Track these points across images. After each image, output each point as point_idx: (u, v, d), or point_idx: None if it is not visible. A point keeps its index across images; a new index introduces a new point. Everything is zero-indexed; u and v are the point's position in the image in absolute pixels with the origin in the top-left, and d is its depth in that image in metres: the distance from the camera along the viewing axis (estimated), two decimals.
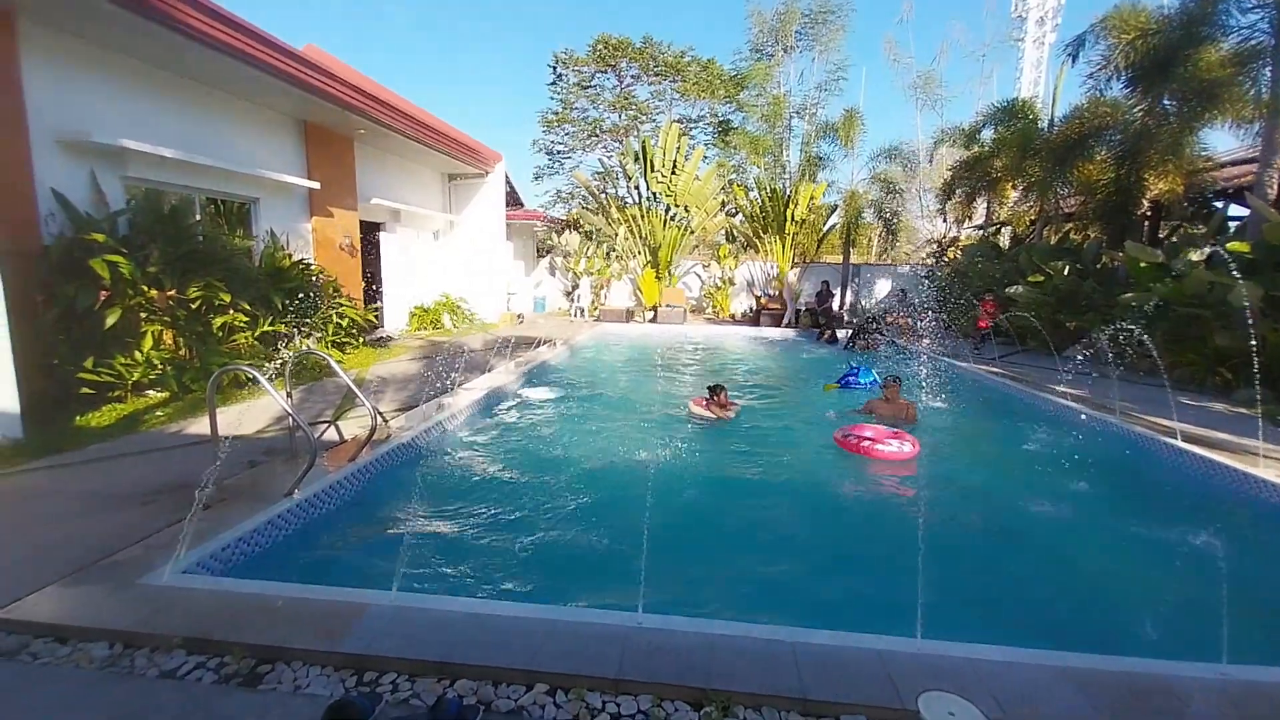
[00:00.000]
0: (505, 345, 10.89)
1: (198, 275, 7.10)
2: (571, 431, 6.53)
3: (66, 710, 2.21)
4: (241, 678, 2.40)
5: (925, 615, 2.65)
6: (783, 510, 4.73)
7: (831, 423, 6.96)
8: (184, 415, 6.12)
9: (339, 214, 11.28)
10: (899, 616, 2.71)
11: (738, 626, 2.67)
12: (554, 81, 29.77)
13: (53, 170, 6.49)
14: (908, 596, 2.73)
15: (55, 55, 6.50)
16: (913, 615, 2.66)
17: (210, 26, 6.95)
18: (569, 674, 2.38)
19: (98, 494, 4.11)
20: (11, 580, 2.96)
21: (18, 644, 2.56)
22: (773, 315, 16.44)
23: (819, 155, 18.41)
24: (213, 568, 3.24)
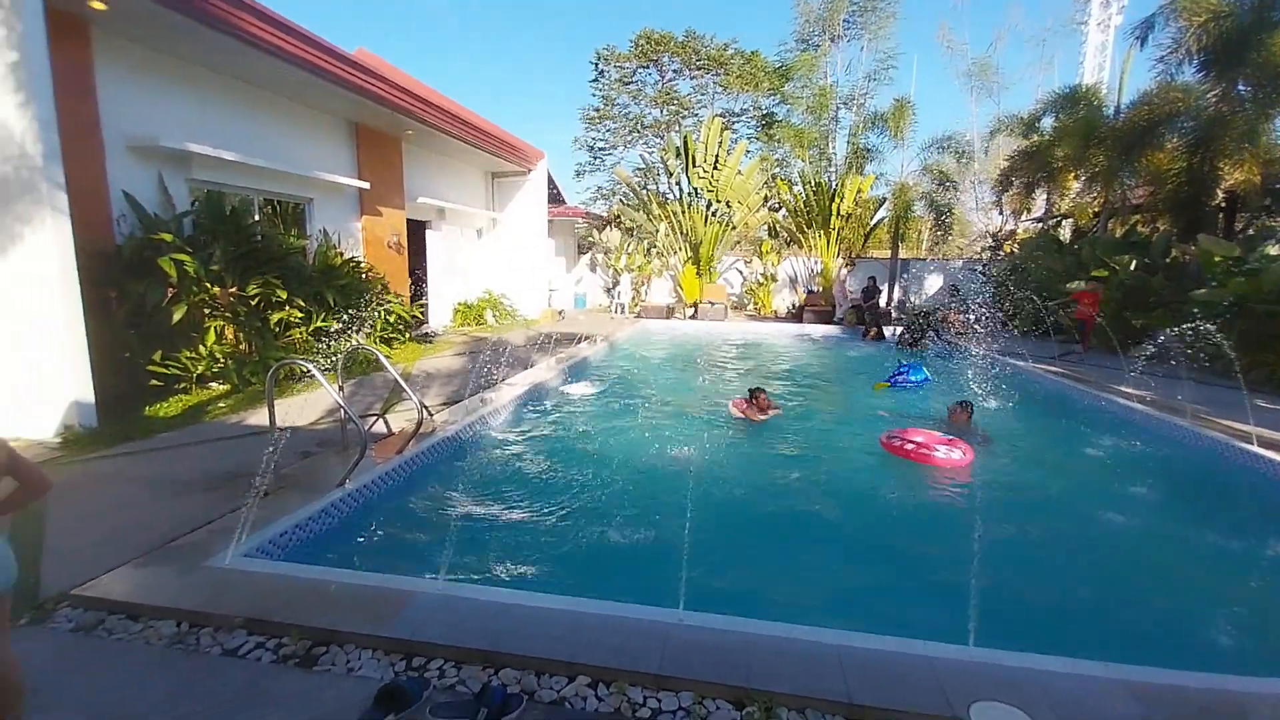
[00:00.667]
0: (546, 341, 11.02)
1: (256, 273, 7.41)
2: (611, 428, 6.55)
3: (139, 683, 2.34)
4: (298, 658, 2.49)
5: (978, 622, 2.56)
6: (827, 512, 4.63)
7: (883, 421, 6.78)
8: (244, 406, 6.40)
9: (387, 213, 11.59)
10: (950, 624, 2.62)
11: (780, 627, 2.63)
12: (596, 78, 29.89)
13: (124, 173, 6.87)
14: (959, 603, 2.64)
15: (125, 63, 6.86)
16: (964, 622, 2.58)
17: (269, 33, 7.23)
18: (610, 668, 2.39)
19: (166, 480, 4.34)
20: (90, 560, 3.15)
21: (94, 620, 2.73)
22: (817, 312, 16.12)
23: (867, 147, 17.96)
24: (271, 552, 3.37)
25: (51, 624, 2.70)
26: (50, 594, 2.88)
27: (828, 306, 16.42)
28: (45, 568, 3.11)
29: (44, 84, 4.95)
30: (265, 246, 7.74)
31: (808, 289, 17.96)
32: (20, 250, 5.09)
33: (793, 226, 18.64)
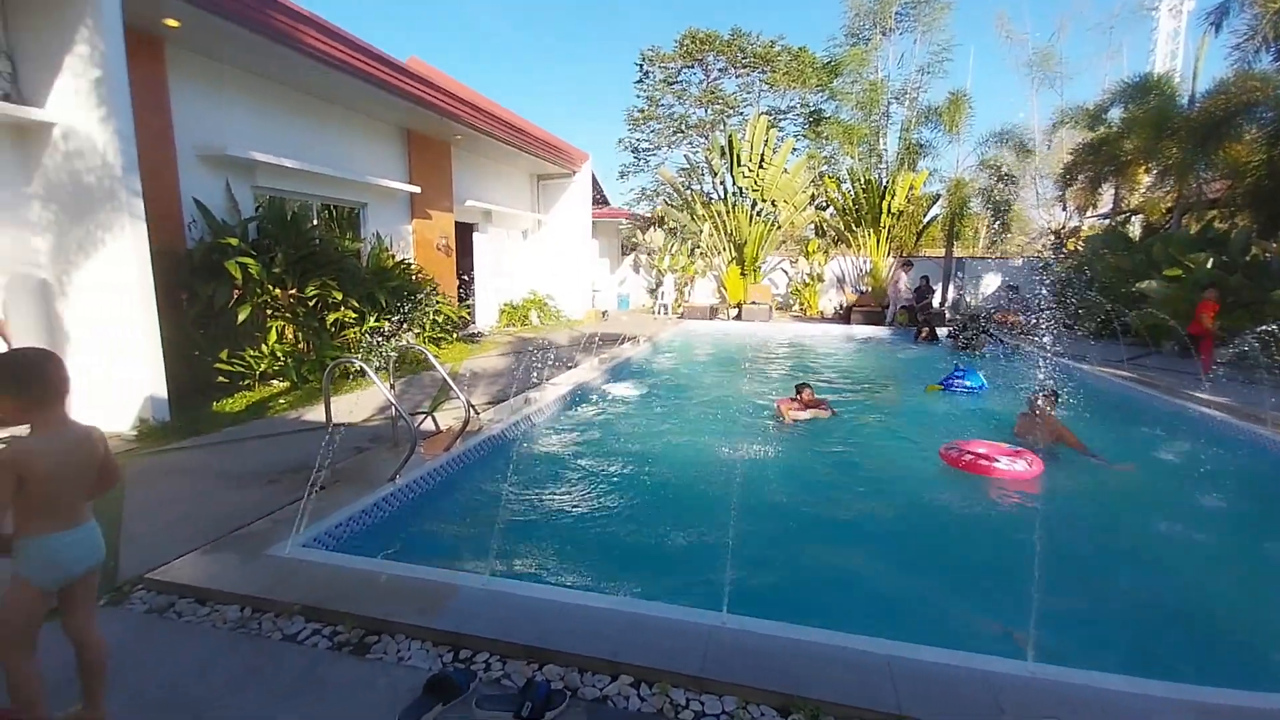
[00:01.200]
0: (590, 342, 11.10)
1: (315, 275, 7.72)
2: (654, 428, 6.55)
3: (208, 665, 2.47)
4: (352, 646, 2.58)
5: (1038, 638, 2.45)
6: (876, 518, 4.51)
7: (936, 425, 6.55)
8: (302, 403, 6.67)
9: (436, 216, 11.91)
10: (1008, 639, 2.51)
11: (827, 634, 2.57)
12: (640, 79, 29.98)
13: (194, 181, 7.26)
14: (1018, 618, 2.52)
15: (195, 77, 7.25)
16: (1024, 638, 2.46)
17: (328, 45, 7.53)
18: (653, 668, 2.38)
19: (231, 472, 4.56)
20: (163, 545, 3.34)
21: (166, 602, 2.89)
22: (865, 313, 15.71)
23: (920, 142, 17.43)
24: (327, 543, 3.50)
25: (128, 605, 2.87)
26: (127, 577, 3.06)
27: (877, 307, 15.99)
28: (122, 552, 3.31)
29: (123, 99, 5.28)
30: (323, 250, 8.06)
31: (856, 289, 17.55)
32: (102, 255, 5.45)
33: (841, 225, 18.26)
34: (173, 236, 6.89)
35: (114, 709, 2.16)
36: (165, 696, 2.28)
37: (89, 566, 2.04)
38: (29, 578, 1.89)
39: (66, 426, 1.97)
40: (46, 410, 1.92)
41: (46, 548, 1.90)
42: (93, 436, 2.02)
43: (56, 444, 1.91)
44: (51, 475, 1.87)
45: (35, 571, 1.90)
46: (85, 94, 5.24)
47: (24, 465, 1.82)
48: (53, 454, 1.89)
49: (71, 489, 1.95)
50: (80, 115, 5.28)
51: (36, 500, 1.85)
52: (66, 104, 5.32)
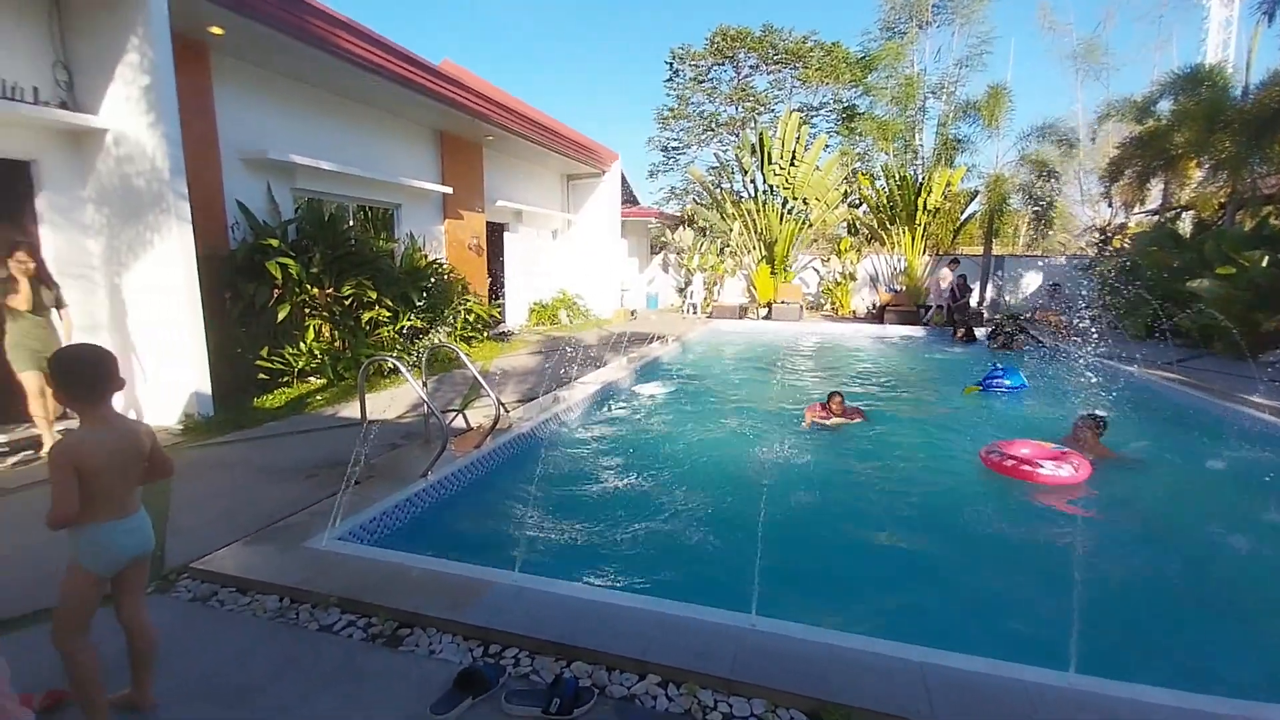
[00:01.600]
0: (619, 341, 11.12)
1: (350, 275, 7.90)
2: (683, 429, 6.53)
3: (248, 652, 2.54)
4: (385, 638, 2.63)
5: (1080, 648, 2.36)
6: (910, 523, 4.41)
7: (974, 428, 6.38)
8: (338, 400, 6.83)
9: (468, 216, 12.07)
10: (1048, 649, 2.43)
11: (859, 639, 2.53)
12: (670, 78, 29.91)
13: (237, 184, 7.50)
14: (1060, 627, 2.44)
15: (238, 83, 7.48)
16: (1065, 647, 2.38)
17: (364, 49, 7.69)
18: (681, 668, 2.37)
19: (270, 466, 4.69)
20: (207, 536, 3.46)
21: (209, 591, 2.99)
22: (899, 312, 15.40)
23: (957, 137, 16.99)
24: (361, 536, 3.58)
25: (173, 593, 2.97)
26: (173, 566, 3.17)
27: (912, 306, 15.66)
28: (168, 542, 3.43)
29: (171, 105, 5.47)
30: (358, 250, 8.23)
31: (890, 288, 17.21)
32: (151, 256, 5.66)
33: (874, 223, 17.92)
34: (217, 238, 7.12)
35: (160, 693, 2.25)
36: (208, 682, 2.36)
37: (140, 555, 2.13)
38: (85, 564, 1.98)
39: (114, 421, 2.06)
40: (98, 405, 2.01)
41: (101, 535, 1.99)
42: (140, 431, 2.11)
43: (106, 437, 1.99)
44: (103, 467, 1.96)
45: (90, 558, 1.99)
46: (135, 100, 5.45)
47: (79, 456, 1.90)
48: (104, 446, 1.97)
49: (122, 480, 2.03)
50: (131, 121, 5.50)
51: (90, 490, 1.93)
52: (118, 110, 5.54)
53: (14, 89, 5.22)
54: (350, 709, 2.23)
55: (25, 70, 5.35)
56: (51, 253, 5.63)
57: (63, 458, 1.89)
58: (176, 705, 2.23)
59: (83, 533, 1.97)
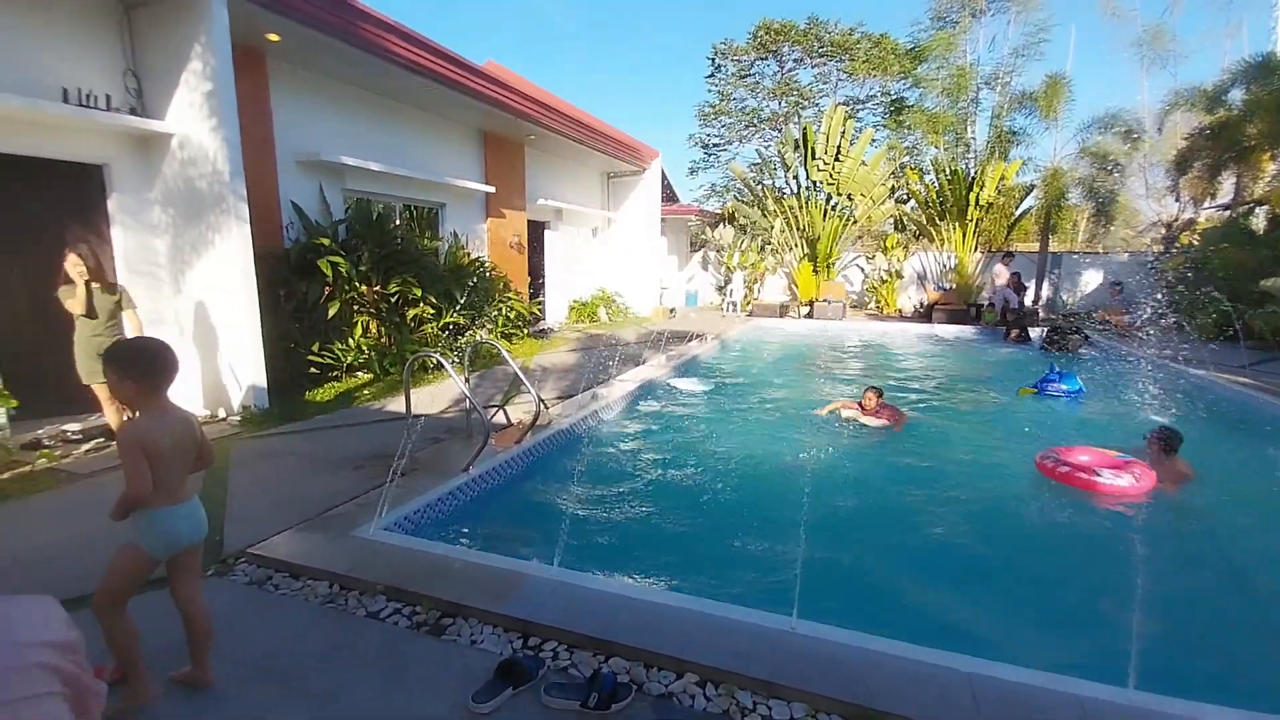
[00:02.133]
0: (658, 339, 11.11)
1: (396, 273, 8.11)
2: (722, 427, 6.48)
3: (299, 633, 2.64)
4: (429, 626, 2.69)
5: (1140, 664, 2.25)
6: (959, 529, 4.27)
7: (1027, 431, 6.14)
8: (384, 394, 7.03)
9: (510, 215, 12.24)
10: (1105, 664, 2.32)
11: (904, 646, 2.46)
12: (712, 74, 29.69)
13: (291, 185, 7.78)
14: (1117, 641, 2.32)
15: (292, 87, 7.75)
16: (1124, 662, 2.27)
17: (412, 52, 7.87)
18: (719, 669, 2.35)
19: (321, 457, 4.86)
20: (262, 523, 3.61)
21: (264, 575, 3.11)
22: (948, 311, 14.90)
23: (1012, 130, 16.32)
24: (406, 527, 3.67)
25: (231, 576, 3.11)
26: (231, 550, 3.32)
27: (962, 305, 15.14)
28: (226, 528, 3.59)
29: (231, 109, 5.71)
30: (404, 249, 8.45)
31: (939, 286, 16.67)
32: (212, 254, 5.93)
33: (923, 219, 17.39)
34: (273, 237, 7.40)
35: (219, 671, 2.35)
36: (264, 662, 2.46)
37: (195, 540, 2.23)
38: (144, 545, 2.09)
39: (173, 410, 2.16)
40: (159, 395, 2.12)
41: (162, 520, 2.09)
42: (191, 420, 2.22)
43: (166, 425, 2.10)
44: (164, 454, 2.06)
45: (150, 540, 2.10)
46: (198, 106, 5.72)
47: (146, 443, 2.01)
48: (165, 434, 2.08)
49: (179, 467, 2.14)
50: (194, 126, 5.77)
51: (154, 476, 2.03)
52: (183, 116, 5.82)
53: (89, 97, 5.54)
54: (396, 694, 2.29)
55: (99, 79, 5.67)
56: (121, 252, 5.96)
57: (132, 442, 1.99)
58: (235, 684, 2.33)
59: (144, 517, 2.07)
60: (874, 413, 6.22)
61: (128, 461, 1.99)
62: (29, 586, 2.93)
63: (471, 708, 2.18)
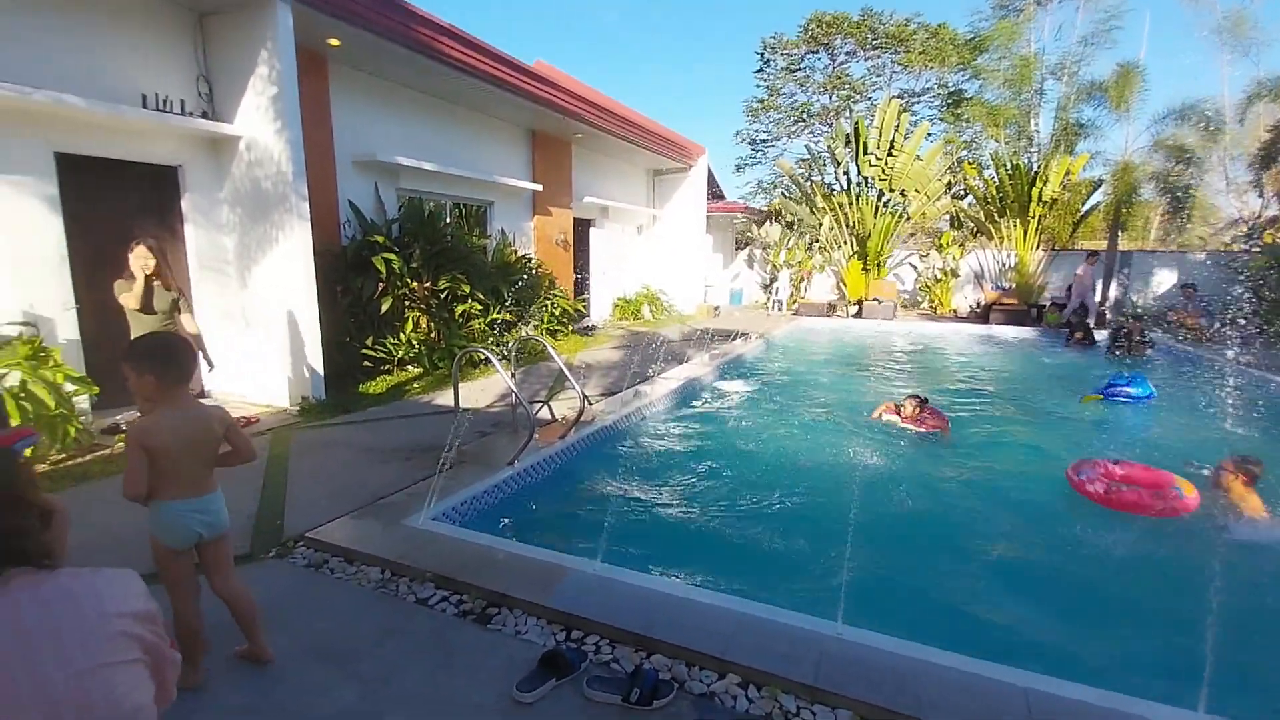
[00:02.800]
0: (701, 337, 11.06)
1: (446, 270, 8.31)
2: (765, 428, 6.39)
3: (353, 617, 2.74)
4: (475, 615, 2.75)
5: (1211, 690, 2.11)
6: (1011, 540, 4.11)
7: (1086, 442, 5.84)
8: (433, 388, 7.22)
9: (556, 212, 12.37)
10: (1172, 686, 2.19)
11: (956, 657, 2.38)
12: (760, 68, 29.30)
13: (349, 184, 8.06)
14: (1183, 662, 2.19)
15: (350, 89, 8.02)
16: (1195, 686, 2.13)
17: (464, 54, 8.04)
18: (762, 670, 2.33)
19: (374, 448, 5.03)
20: (320, 509, 3.76)
21: (321, 559, 3.24)
22: (1007, 312, 14.27)
23: (1079, 122, 15.52)
24: (453, 518, 3.76)
25: (291, 559, 3.25)
26: (291, 534, 3.47)
27: (1022, 306, 14.49)
28: (286, 513, 3.75)
29: (294, 112, 5.96)
30: (454, 246, 8.64)
31: (997, 285, 15.99)
32: (275, 252, 6.20)
33: (981, 215, 16.71)
34: (330, 235, 7.69)
35: (279, 646, 2.47)
36: (320, 641, 2.57)
37: (214, 534, 2.29)
38: (159, 537, 2.19)
39: (188, 406, 2.20)
40: (177, 390, 2.16)
41: (169, 512, 2.17)
42: (212, 416, 2.25)
43: (178, 421, 2.14)
44: (172, 448, 2.11)
45: (160, 531, 2.18)
46: (264, 109, 5.98)
47: (148, 438, 2.08)
48: (174, 430, 2.12)
49: (191, 462, 2.18)
50: (260, 128, 6.04)
51: (159, 469, 2.11)
52: (250, 119, 6.10)
53: (166, 102, 5.87)
54: (444, 678, 2.35)
55: (174, 85, 5.99)
56: (194, 249, 6.30)
57: (135, 439, 2.07)
58: (293, 662, 2.44)
59: (155, 508, 2.16)
60: (914, 420, 6.03)
61: (128, 457, 2.07)
62: (110, 560, 3.13)
63: (516, 696, 2.22)
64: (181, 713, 2.08)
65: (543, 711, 2.19)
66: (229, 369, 6.26)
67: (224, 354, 6.50)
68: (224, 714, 2.18)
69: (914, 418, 6.02)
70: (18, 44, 4.94)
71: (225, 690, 2.28)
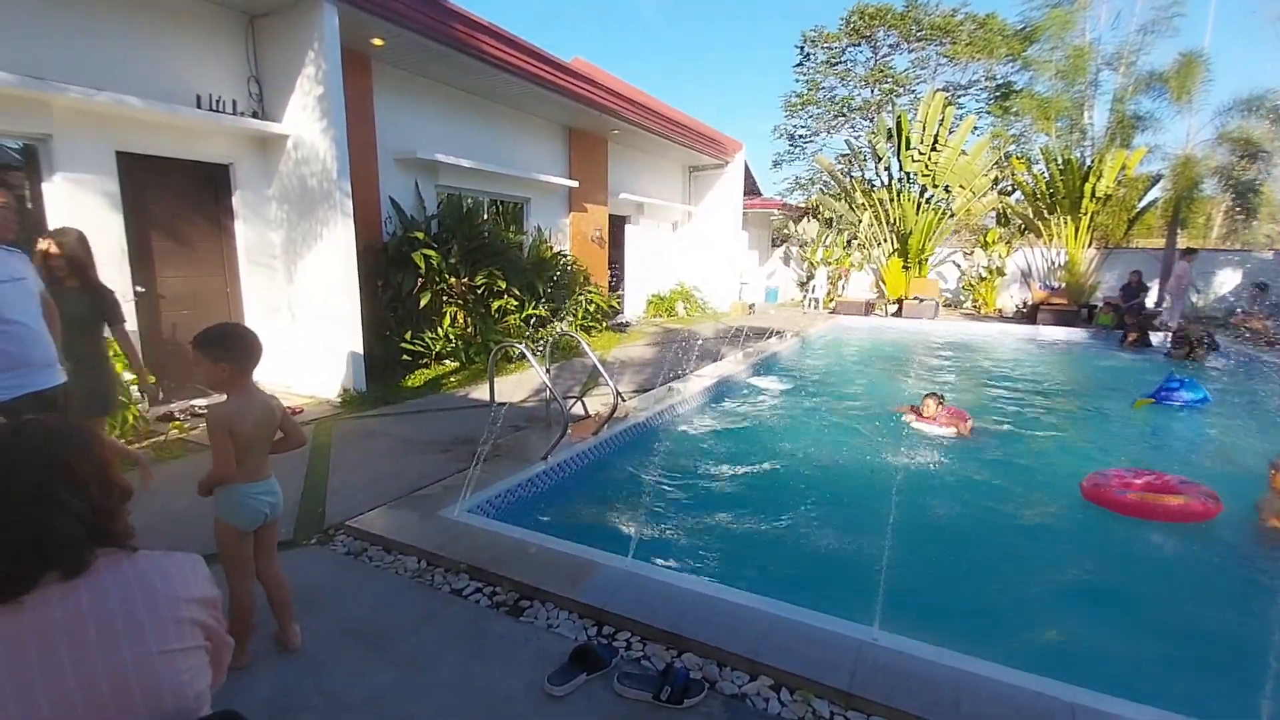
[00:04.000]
0: (736, 335, 10.96)
1: (483, 265, 8.42)
2: (799, 428, 6.30)
3: (390, 604, 2.80)
4: (508, 607, 2.78)
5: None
6: (1045, 549, 3.97)
7: (1138, 445, 5.59)
8: (469, 382, 7.33)
9: (592, 209, 12.41)
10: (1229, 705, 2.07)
11: (997, 668, 2.30)
12: (800, 62, 28.80)
13: (390, 181, 8.23)
14: (1236, 679, 2.07)
15: (392, 88, 8.17)
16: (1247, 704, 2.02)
17: (503, 51, 8.12)
18: (794, 673, 2.29)
19: (412, 440, 5.13)
20: (360, 498, 3.85)
21: (360, 547, 3.32)
22: (1056, 312, 13.74)
23: (1137, 114, 14.84)
24: (487, 510, 3.81)
25: (331, 547, 3.34)
26: (332, 522, 3.57)
27: (1072, 306, 13.95)
28: (328, 501, 3.86)
29: (339, 111, 6.10)
30: (491, 242, 8.75)
31: (1045, 285, 15.42)
32: (320, 247, 6.37)
33: (1029, 212, 16.12)
34: (372, 231, 7.87)
35: (319, 629, 2.54)
36: (358, 626, 2.63)
37: (275, 515, 2.39)
38: (233, 521, 2.27)
39: (256, 393, 2.30)
40: (247, 378, 2.26)
41: (241, 495, 2.26)
42: (273, 404, 2.35)
43: (250, 407, 2.24)
44: (247, 433, 2.22)
45: (232, 514, 2.27)
46: (311, 109, 6.15)
47: (231, 423, 2.17)
48: (250, 415, 2.23)
49: (260, 447, 2.29)
50: (307, 127, 6.21)
51: (236, 454, 2.20)
52: (297, 118, 6.28)
53: (218, 102, 6.08)
54: (476, 667, 2.38)
55: (227, 85, 6.21)
56: (243, 245, 6.53)
57: (220, 424, 2.16)
58: (332, 645, 2.50)
59: (229, 493, 2.25)
60: (934, 419, 5.89)
61: (215, 442, 2.16)
62: (169, 544, 3.27)
63: (547, 689, 2.23)
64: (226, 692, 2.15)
65: (573, 705, 2.19)
66: (275, 361, 6.46)
67: (270, 346, 6.72)
68: (266, 694, 2.25)
69: (932, 416, 5.91)
70: (86, 48, 5.19)
71: (267, 671, 2.35)
